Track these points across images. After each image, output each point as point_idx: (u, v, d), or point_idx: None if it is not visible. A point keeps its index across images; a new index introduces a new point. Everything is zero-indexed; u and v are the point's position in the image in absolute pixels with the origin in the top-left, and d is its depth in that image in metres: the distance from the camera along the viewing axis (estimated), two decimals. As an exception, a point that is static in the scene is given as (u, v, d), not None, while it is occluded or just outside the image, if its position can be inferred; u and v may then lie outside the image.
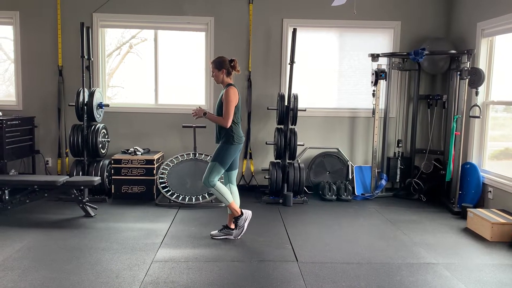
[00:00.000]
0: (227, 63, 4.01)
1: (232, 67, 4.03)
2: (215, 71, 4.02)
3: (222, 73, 4.00)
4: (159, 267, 3.43)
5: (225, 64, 4.00)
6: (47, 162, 6.05)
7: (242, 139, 4.06)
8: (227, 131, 3.95)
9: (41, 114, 5.97)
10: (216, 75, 4.03)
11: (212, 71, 4.04)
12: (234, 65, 4.04)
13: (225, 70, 4.00)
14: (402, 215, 5.08)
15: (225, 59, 4.03)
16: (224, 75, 4.01)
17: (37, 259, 3.54)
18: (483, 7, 5.29)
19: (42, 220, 4.59)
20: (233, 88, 3.96)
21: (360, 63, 6.14)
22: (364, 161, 6.24)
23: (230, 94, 3.91)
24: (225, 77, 4.02)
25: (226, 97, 3.90)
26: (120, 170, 5.47)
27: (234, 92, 3.94)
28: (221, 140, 4.00)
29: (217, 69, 4.01)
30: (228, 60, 4.02)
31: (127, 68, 6.24)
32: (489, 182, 5.09)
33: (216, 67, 4.01)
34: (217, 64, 4.02)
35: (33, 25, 5.88)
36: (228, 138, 3.97)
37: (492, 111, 5.36)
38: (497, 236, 4.19)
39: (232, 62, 4.03)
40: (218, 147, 4.02)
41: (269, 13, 5.97)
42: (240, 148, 4.06)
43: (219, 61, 4.02)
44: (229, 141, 3.96)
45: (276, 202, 5.49)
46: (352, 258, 3.71)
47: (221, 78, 4.02)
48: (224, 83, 4.04)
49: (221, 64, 4.00)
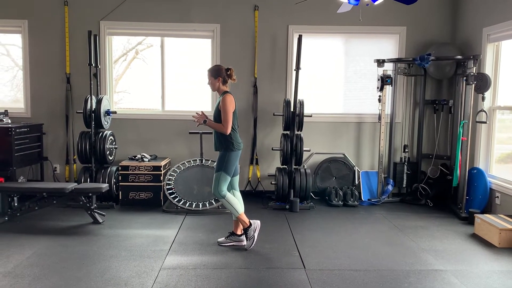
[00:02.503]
0: (223, 72, 4.05)
1: (228, 75, 4.07)
2: (211, 79, 4.07)
3: (218, 81, 4.04)
4: (168, 275, 3.46)
5: (221, 73, 4.04)
6: (55, 169, 6.10)
7: (241, 145, 4.11)
8: (226, 139, 3.99)
9: (49, 121, 6.03)
10: (212, 83, 4.07)
11: (208, 79, 4.09)
12: (230, 73, 4.08)
13: (221, 78, 4.04)
14: (409, 220, 5.07)
15: (221, 67, 4.08)
16: (220, 83, 4.05)
17: (47, 266, 3.58)
18: (489, 12, 5.30)
19: (51, 227, 4.63)
20: (229, 95, 4.00)
21: (365, 69, 6.15)
22: (370, 167, 6.24)
23: (227, 101, 3.95)
24: (221, 85, 4.06)
25: (224, 104, 3.94)
26: (127, 177, 5.51)
27: (231, 99, 3.98)
28: (221, 149, 4.03)
29: (213, 77, 4.05)
30: (224, 69, 4.07)
31: (133, 74, 6.29)
32: (497, 188, 5.07)
33: (212, 75, 4.06)
34: (213, 72, 4.06)
35: (41, 33, 5.95)
36: (227, 145, 4.01)
37: (498, 113, 5.36)
38: (505, 242, 4.18)
39: (228, 70, 4.08)
40: (219, 156, 4.05)
41: (274, 19, 6.01)
42: (239, 154, 4.10)
43: (215, 69, 4.07)
44: (229, 148, 4.00)
45: (283, 208, 5.50)
46: (360, 265, 3.71)
47: (216, 86, 4.06)
48: (220, 91, 4.08)
49: (217, 72, 4.04)
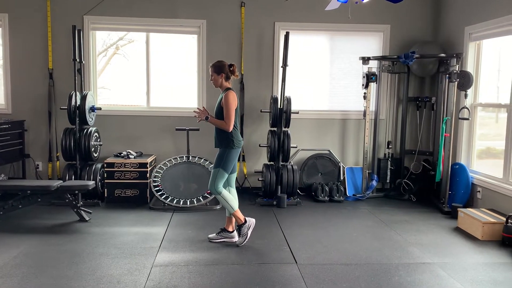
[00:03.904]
0: (226, 68, 4.02)
1: (231, 71, 4.04)
2: (214, 75, 4.03)
3: (221, 77, 4.01)
4: (160, 272, 3.44)
5: (225, 69, 4.01)
6: (38, 166, 5.97)
7: (241, 143, 4.10)
8: (227, 136, 3.98)
9: (31, 118, 5.89)
10: (215, 79, 4.04)
11: (211, 75, 4.05)
12: (233, 69, 4.05)
13: (224, 74, 4.01)
14: (394, 215, 5.17)
15: (224, 63, 4.04)
16: (223, 80, 4.02)
17: (35, 265, 3.51)
18: (471, 12, 5.43)
19: (37, 226, 4.54)
20: (232, 92, 3.98)
21: (351, 66, 6.22)
22: (355, 163, 6.33)
23: (230, 98, 3.93)
24: (223, 82, 4.03)
25: (226, 101, 3.92)
26: (113, 174, 5.44)
27: (234, 96, 3.97)
28: (221, 146, 4.02)
29: (216, 73, 4.02)
30: (227, 65, 4.04)
31: (114, 70, 6.19)
32: (478, 182, 5.22)
33: (215, 71, 4.02)
34: (216, 68, 4.02)
35: (22, 28, 5.80)
36: (228, 143, 3.99)
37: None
38: (487, 235, 4.31)
39: (231, 66, 4.05)
40: (218, 153, 4.04)
41: (261, 16, 6.01)
42: (239, 152, 4.09)
43: (219, 66, 4.03)
44: (230, 146, 3.99)
45: (270, 204, 5.53)
46: (350, 259, 3.77)
47: (219, 82, 4.03)
48: (223, 87, 4.05)
49: (220, 69, 4.01)
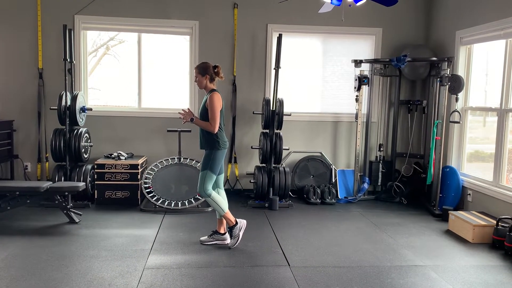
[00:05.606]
0: (211, 69, 4.01)
1: (215, 73, 4.04)
2: (199, 76, 4.02)
3: (206, 79, 4.01)
4: (152, 274, 3.40)
5: (209, 70, 4.01)
6: (26, 167, 5.88)
7: (227, 144, 4.09)
8: (212, 137, 3.96)
9: (20, 118, 5.80)
10: (200, 81, 4.03)
11: (196, 76, 4.04)
12: (217, 71, 4.05)
13: (209, 76, 4.00)
14: (385, 218, 5.19)
15: (209, 64, 4.04)
16: (207, 81, 4.02)
17: (25, 267, 3.45)
18: (462, 16, 5.48)
19: (26, 228, 4.47)
20: (217, 93, 3.97)
21: (343, 69, 6.24)
22: (346, 165, 6.34)
23: (215, 99, 3.92)
24: (208, 83, 4.03)
25: (211, 103, 3.91)
26: (103, 175, 5.38)
27: (218, 97, 3.96)
28: (207, 147, 4.00)
29: (201, 75, 4.01)
30: (212, 66, 4.03)
31: (104, 70, 6.14)
32: (469, 185, 5.26)
33: (199, 73, 4.02)
34: (200, 70, 4.02)
35: (11, 27, 5.71)
36: (214, 144, 3.98)
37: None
38: (478, 238, 4.34)
39: (216, 68, 4.04)
40: (204, 155, 4.02)
41: (254, 18, 6.01)
42: (225, 153, 4.08)
43: (203, 67, 4.03)
44: (215, 147, 3.98)
45: (262, 206, 5.52)
46: (343, 261, 3.77)
47: (204, 83, 4.03)
48: (207, 89, 4.04)
49: (205, 70, 4.00)
